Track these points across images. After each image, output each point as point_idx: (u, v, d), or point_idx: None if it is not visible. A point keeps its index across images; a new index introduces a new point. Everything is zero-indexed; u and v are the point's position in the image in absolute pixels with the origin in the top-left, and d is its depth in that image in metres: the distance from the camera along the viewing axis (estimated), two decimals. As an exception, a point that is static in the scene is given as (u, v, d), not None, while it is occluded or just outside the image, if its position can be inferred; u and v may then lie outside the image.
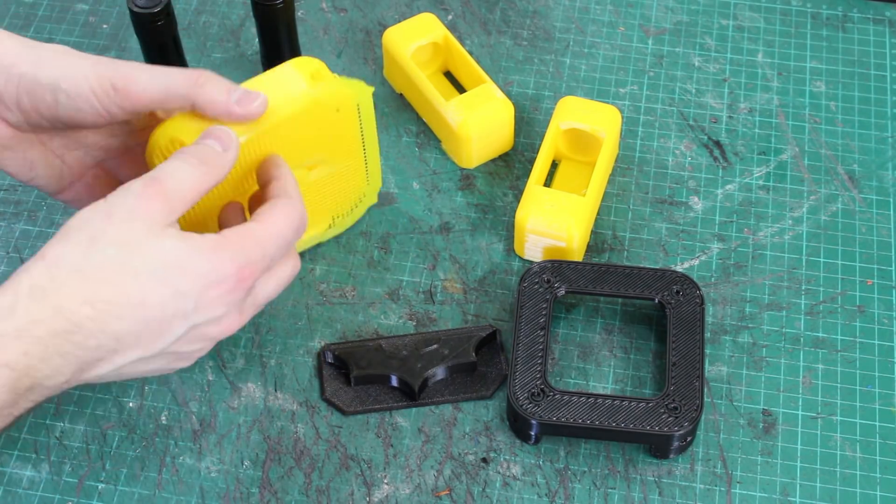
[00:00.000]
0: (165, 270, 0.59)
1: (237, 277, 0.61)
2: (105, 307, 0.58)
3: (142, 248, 0.59)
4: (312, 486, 0.71)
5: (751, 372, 0.75)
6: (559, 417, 0.70)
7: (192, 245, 0.60)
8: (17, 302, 0.57)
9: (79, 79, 0.65)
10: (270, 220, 0.63)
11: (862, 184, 0.84)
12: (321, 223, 0.78)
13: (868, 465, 0.71)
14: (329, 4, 0.96)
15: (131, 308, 0.58)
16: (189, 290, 0.59)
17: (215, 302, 0.61)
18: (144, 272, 0.59)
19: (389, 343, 0.75)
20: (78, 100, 0.65)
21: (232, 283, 0.61)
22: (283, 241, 0.63)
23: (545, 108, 0.88)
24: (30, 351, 0.56)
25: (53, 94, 0.65)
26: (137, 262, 0.59)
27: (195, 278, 0.60)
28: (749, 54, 0.92)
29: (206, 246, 0.60)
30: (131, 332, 0.59)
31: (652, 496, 0.70)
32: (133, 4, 0.80)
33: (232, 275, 0.61)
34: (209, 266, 0.60)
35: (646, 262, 0.80)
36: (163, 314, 0.59)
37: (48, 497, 0.70)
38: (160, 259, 0.59)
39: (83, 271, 0.58)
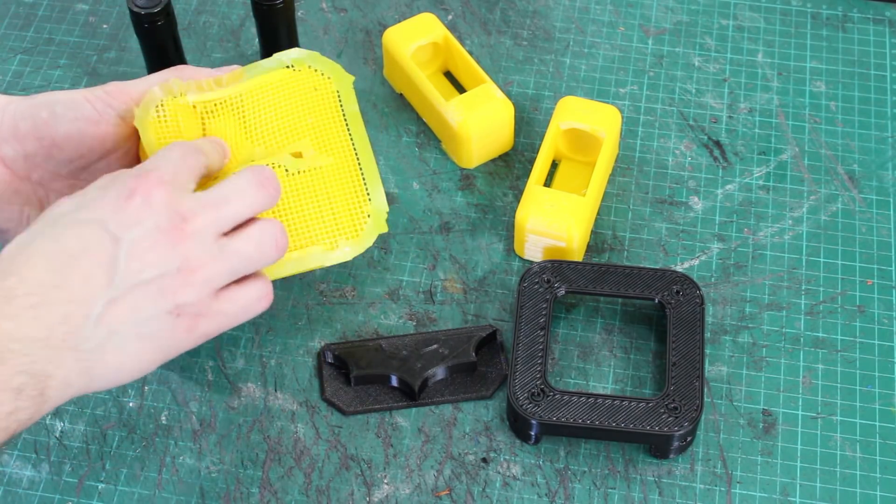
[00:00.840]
0: (64, 215, 0.60)
1: (137, 181, 0.60)
2: (23, 266, 0.58)
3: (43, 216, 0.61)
4: (312, 486, 0.71)
5: (751, 372, 0.75)
6: (559, 417, 0.70)
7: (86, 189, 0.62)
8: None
9: (74, 92, 0.67)
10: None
11: (862, 184, 0.84)
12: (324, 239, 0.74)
13: (868, 465, 0.71)
14: (329, 4, 0.96)
15: (52, 256, 0.58)
16: (94, 214, 0.59)
17: (135, 211, 0.60)
18: (47, 229, 0.60)
19: (389, 343, 0.75)
20: (74, 108, 0.66)
21: (134, 187, 0.60)
22: (169, 154, 0.63)
23: (545, 108, 0.88)
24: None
25: (50, 108, 0.66)
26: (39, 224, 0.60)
27: (94, 202, 0.60)
28: (749, 54, 0.92)
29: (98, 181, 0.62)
30: (67, 275, 0.58)
31: (652, 496, 0.70)
32: (133, 4, 0.80)
33: (130, 182, 0.60)
34: (102, 187, 0.61)
35: (646, 262, 0.80)
36: (83, 245, 0.59)
37: (48, 497, 0.70)
38: (58, 212, 0.60)
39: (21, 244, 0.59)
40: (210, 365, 0.76)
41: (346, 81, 0.73)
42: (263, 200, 0.64)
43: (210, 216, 0.62)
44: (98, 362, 0.59)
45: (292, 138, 0.72)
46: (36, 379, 0.57)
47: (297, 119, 0.71)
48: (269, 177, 0.64)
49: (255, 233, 0.64)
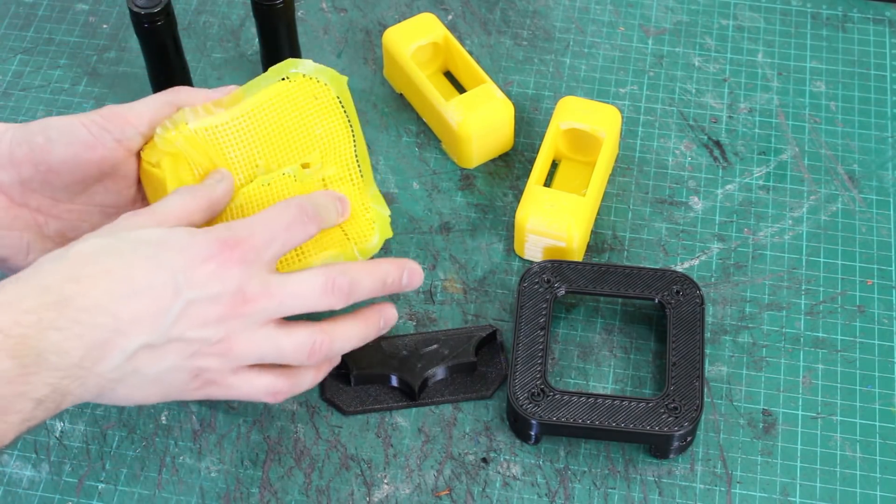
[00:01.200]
0: (148, 247, 0.60)
1: (220, 249, 0.61)
2: (91, 282, 0.58)
3: (122, 235, 0.61)
4: (312, 486, 0.71)
5: (751, 372, 0.75)
6: (559, 417, 0.70)
7: (177, 228, 0.62)
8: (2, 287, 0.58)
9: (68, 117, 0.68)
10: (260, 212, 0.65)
11: (862, 184, 0.84)
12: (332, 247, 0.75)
13: (868, 465, 0.71)
14: (329, 4, 0.96)
15: (117, 283, 0.59)
16: (173, 261, 0.60)
17: (207, 277, 0.61)
18: (127, 251, 0.60)
19: (389, 343, 0.75)
20: (69, 133, 0.66)
21: (215, 255, 0.61)
22: (274, 222, 0.64)
23: (545, 108, 0.88)
24: (21, 321, 0.56)
25: (45, 133, 0.66)
26: (119, 244, 0.60)
27: (177, 251, 0.61)
28: (749, 54, 0.92)
29: (191, 228, 0.62)
30: (123, 307, 0.59)
31: (652, 496, 0.70)
32: (133, 4, 0.80)
33: (214, 247, 0.61)
34: (191, 240, 0.61)
35: (646, 262, 0.80)
36: (151, 288, 0.59)
37: (48, 497, 0.70)
38: (142, 240, 0.61)
39: (65, 257, 0.59)
40: (210, 365, 0.76)
41: (341, 83, 0.72)
42: (324, 307, 0.65)
43: (269, 305, 0.63)
44: (111, 390, 0.61)
45: (301, 151, 0.71)
46: (58, 394, 0.58)
47: (304, 131, 0.71)
48: (340, 288, 0.65)
49: (299, 336, 0.65)
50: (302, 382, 0.67)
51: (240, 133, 0.69)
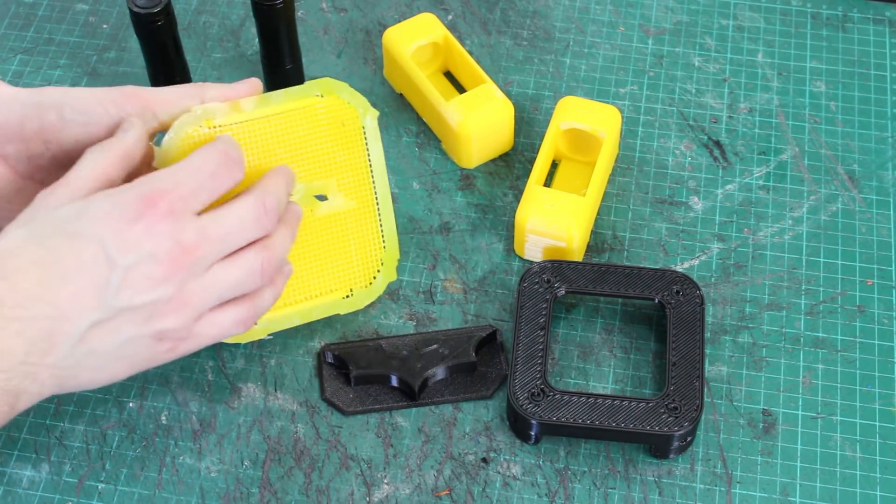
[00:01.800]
0: (67, 223, 0.58)
1: (145, 205, 0.58)
2: (18, 275, 0.56)
3: (41, 218, 0.59)
4: (312, 486, 0.71)
5: (751, 372, 0.75)
6: (559, 417, 0.70)
7: (93, 196, 0.59)
8: None
9: (85, 94, 0.64)
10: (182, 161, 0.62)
11: (862, 184, 0.84)
12: (336, 288, 0.76)
13: (868, 465, 0.71)
14: (329, 4, 0.96)
15: (46, 268, 0.57)
16: (98, 231, 0.58)
17: (138, 238, 0.58)
18: (47, 234, 0.58)
19: (389, 343, 0.75)
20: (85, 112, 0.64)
21: (141, 211, 0.58)
22: (199, 169, 0.61)
23: (545, 108, 0.88)
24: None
25: (59, 111, 0.64)
26: (38, 229, 0.58)
27: (99, 219, 0.58)
28: (749, 54, 0.92)
29: (103, 192, 0.59)
30: (57, 292, 0.57)
31: (652, 496, 0.70)
32: (133, 4, 0.80)
33: (138, 205, 0.58)
34: (108, 202, 0.58)
35: (646, 262, 0.80)
36: (80, 263, 0.57)
37: (48, 497, 0.70)
38: (59, 218, 0.58)
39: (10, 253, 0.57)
40: (210, 365, 0.76)
41: (372, 114, 0.72)
42: (260, 233, 0.63)
43: (210, 249, 0.61)
44: (72, 378, 0.59)
45: (315, 172, 0.71)
46: (9, 395, 0.57)
47: (324, 152, 0.71)
48: (271, 209, 0.63)
49: (245, 262, 0.63)
50: (263, 302, 0.66)
51: (261, 135, 0.68)
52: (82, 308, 0.58)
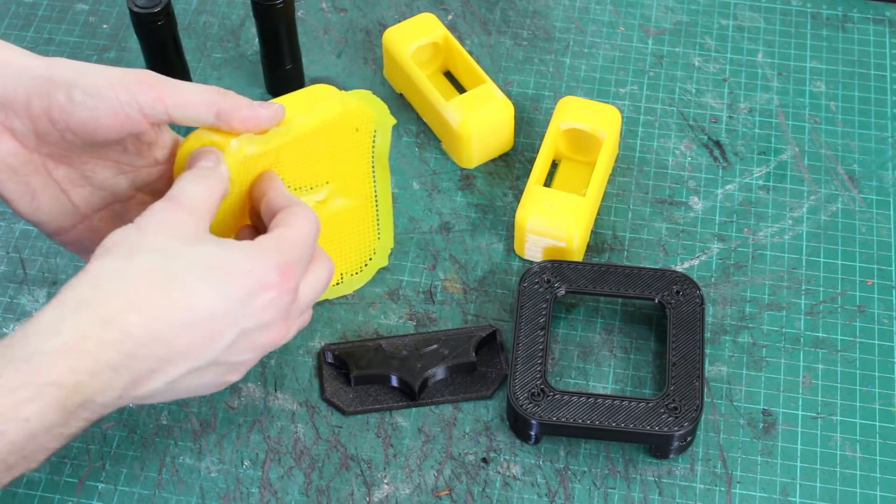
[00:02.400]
0: (209, 271, 0.58)
1: (281, 278, 0.60)
2: (152, 313, 0.57)
3: (181, 252, 0.58)
4: (312, 486, 0.71)
5: (751, 372, 0.75)
6: (559, 417, 0.70)
7: (232, 247, 0.60)
8: (62, 318, 0.55)
9: (98, 77, 0.63)
10: (297, 224, 0.62)
11: (862, 184, 0.84)
12: None
13: (868, 465, 0.71)
14: (329, 4, 0.96)
15: (179, 312, 0.57)
16: (235, 291, 0.59)
17: (265, 306, 0.60)
18: (188, 275, 0.58)
19: (389, 343, 0.75)
20: (96, 96, 0.62)
21: (276, 283, 0.60)
22: (312, 241, 0.63)
23: (545, 108, 0.88)
24: (78, 367, 0.55)
25: (68, 93, 0.62)
26: (178, 265, 0.58)
27: (240, 279, 0.59)
28: (749, 54, 0.92)
29: (244, 247, 0.60)
30: (181, 337, 0.58)
31: (652, 496, 0.70)
32: (133, 4, 0.80)
33: (275, 275, 0.60)
34: (251, 266, 0.59)
35: (646, 262, 0.80)
36: (211, 318, 0.58)
37: (48, 497, 0.70)
38: (202, 261, 0.58)
39: (126, 279, 0.57)
40: (210, 365, 0.76)
41: (388, 120, 0.72)
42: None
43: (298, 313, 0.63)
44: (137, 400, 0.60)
45: (326, 175, 0.71)
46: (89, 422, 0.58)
47: (332, 157, 0.70)
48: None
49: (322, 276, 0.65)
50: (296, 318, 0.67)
51: (284, 156, 0.67)
52: (191, 356, 0.59)
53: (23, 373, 0.54)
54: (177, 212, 0.60)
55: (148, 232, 0.59)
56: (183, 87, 0.64)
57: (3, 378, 0.54)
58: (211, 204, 0.62)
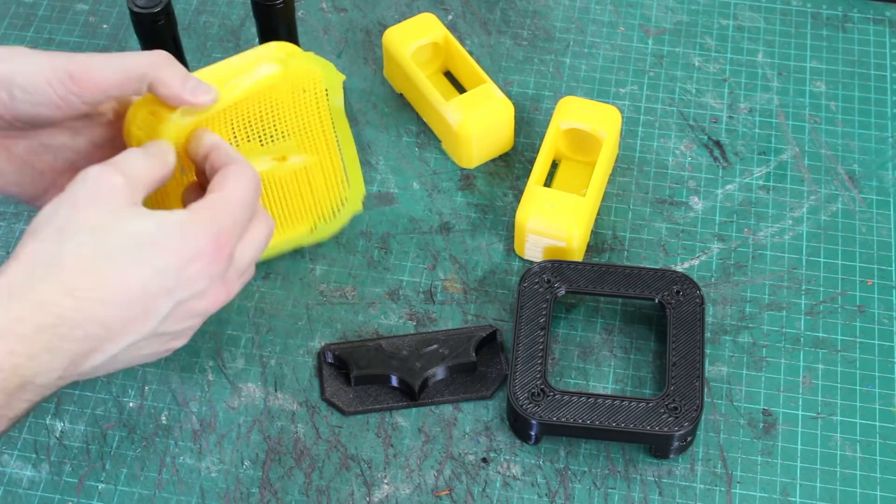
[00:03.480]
0: (140, 249, 0.58)
1: (214, 247, 0.60)
2: (86, 295, 0.57)
3: (113, 231, 0.58)
4: (312, 486, 0.71)
5: (751, 372, 0.75)
6: (559, 417, 0.70)
7: (163, 221, 0.60)
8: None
9: (33, 72, 0.64)
10: (230, 187, 0.62)
11: (862, 184, 0.84)
12: (300, 225, 0.77)
13: (868, 465, 0.71)
14: (329, 4, 0.96)
15: (113, 292, 0.58)
16: (168, 265, 0.59)
17: (197, 275, 0.60)
18: (120, 254, 0.58)
19: (389, 343, 0.75)
20: (34, 93, 0.64)
21: (210, 253, 0.60)
22: (249, 203, 0.63)
23: (545, 108, 0.88)
24: (15, 350, 0.55)
25: (8, 90, 0.64)
26: (111, 244, 0.58)
27: (172, 253, 0.59)
28: (749, 54, 0.92)
29: (177, 220, 0.60)
30: (117, 316, 0.58)
31: (652, 496, 0.70)
32: (133, 4, 0.80)
33: (208, 245, 0.60)
34: (183, 240, 0.60)
35: (646, 262, 0.80)
36: (145, 294, 0.58)
37: (48, 497, 0.70)
38: (133, 239, 0.59)
39: (58, 263, 0.57)
40: (210, 365, 0.76)
41: (336, 78, 0.72)
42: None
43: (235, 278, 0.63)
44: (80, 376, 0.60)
45: (279, 135, 0.71)
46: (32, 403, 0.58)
47: (281, 118, 0.71)
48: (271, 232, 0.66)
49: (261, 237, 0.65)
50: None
51: (225, 122, 0.68)
52: (128, 332, 0.59)
53: None
54: (112, 177, 0.60)
55: (79, 206, 0.59)
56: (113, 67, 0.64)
57: None
58: (149, 178, 0.62)
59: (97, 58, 0.64)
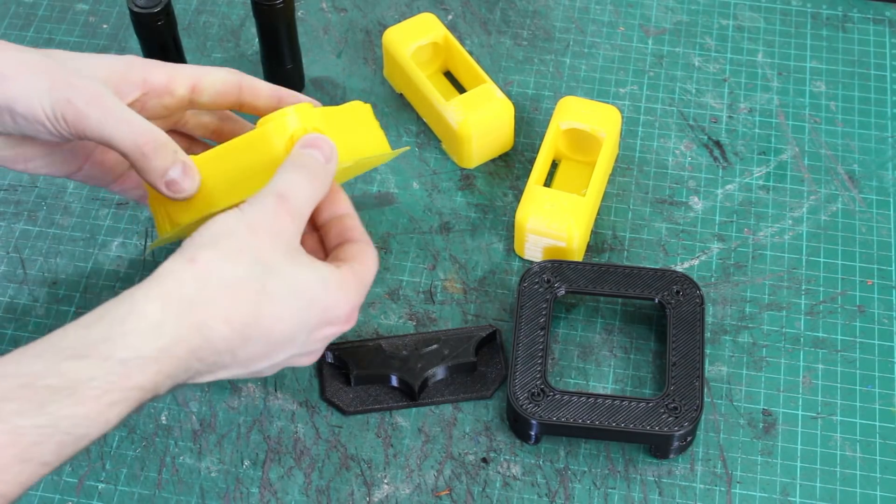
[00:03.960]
0: (298, 300, 0.60)
1: (347, 318, 0.63)
2: (240, 328, 0.58)
3: (282, 272, 0.59)
4: (312, 486, 0.71)
5: (751, 372, 0.75)
6: (559, 417, 0.70)
7: (322, 277, 0.61)
8: (165, 318, 0.56)
9: (33, 104, 0.63)
10: (370, 264, 0.65)
11: (862, 184, 0.84)
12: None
13: (868, 465, 0.71)
14: (329, 4, 0.96)
15: (261, 332, 0.59)
16: (310, 322, 0.61)
17: (323, 338, 0.63)
18: (281, 299, 0.59)
19: (389, 343, 0.75)
20: (34, 122, 0.64)
21: (342, 322, 0.63)
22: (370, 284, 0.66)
23: (545, 108, 0.88)
24: (163, 370, 0.55)
25: (11, 116, 0.64)
26: (278, 285, 0.59)
27: (318, 312, 0.61)
28: (749, 54, 0.92)
29: (333, 281, 0.61)
30: (250, 354, 0.59)
31: (652, 496, 0.70)
32: (133, 4, 0.80)
33: (345, 316, 0.63)
34: (331, 302, 0.61)
35: (646, 262, 0.80)
36: (281, 342, 0.60)
37: (48, 497, 0.70)
38: (296, 287, 0.60)
39: (230, 286, 0.58)
40: (210, 365, 0.76)
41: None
42: None
43: None
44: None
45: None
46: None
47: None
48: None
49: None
50: None
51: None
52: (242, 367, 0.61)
53: (115, 375, 0.54)
54: (284, 218, 0.61)
55: (258, 235, 0.59)
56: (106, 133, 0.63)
57: (97, 381, 0.54)
58: (312, 208, 0.63)
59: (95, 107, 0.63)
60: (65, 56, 0.66)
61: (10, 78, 0.64)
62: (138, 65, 0.68)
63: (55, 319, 0.78)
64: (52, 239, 0.82)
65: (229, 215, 0.60)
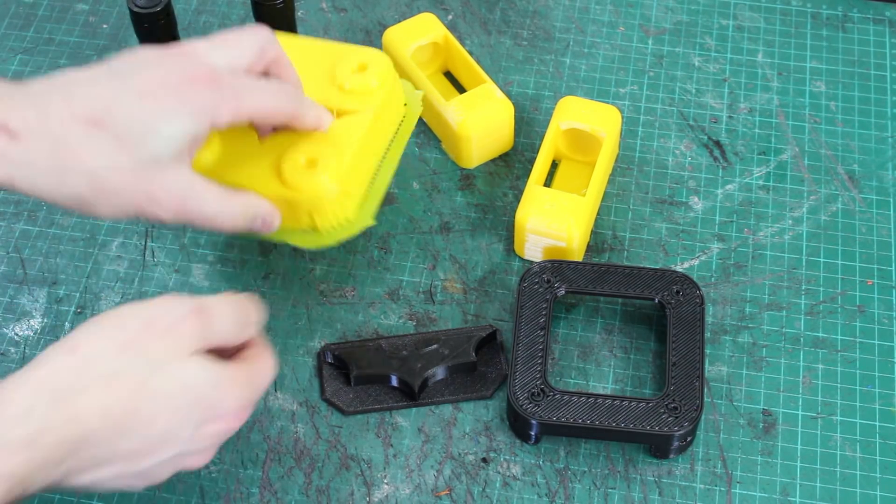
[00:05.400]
0: (182, 397, 0.58)
1: (235, 415, 0.61)
2: (116, 422, 0.56)
3: (167, 369, 0.58)
4: (312, 486, 0.71)
5: (751, 372, 0.75)
6: (559, 417, 0.70)
7: (212, 375, 0.60)
8: (36, 403, 0.54)
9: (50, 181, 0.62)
10: (264, 365, 0.63)
11: (862, 184, 0.84)
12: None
13: (868, 465, 0.71)
14: (329, 4, 0.96)
15: (139, 427, 0.57)
16: (193, 420, 0.59)
17: (211, 435, 0.60)
18: (163, 395, 0.58)
19: (389, 343, 0.75)
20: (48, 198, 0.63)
21: (230, 420, 0.61)
22: (267, 386, 0.64)
23: (545, 108, 0.88)
24: (34, 458, 0.54)
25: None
26: (161, 382, 0.58)
27: (204, 409, 0.59)
28: (749, 54, 0.92)
29: (225, 377, 0.60)
30: (128, 445, 0.57)
31: (652, 496, 0.70)
32: (133, 4, 0.80)
33: (233, 413, 0.61)
34: (219, 398, 0.60)
35: (646, 262, 0.80)
36: (161, 440, 0.58)
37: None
38: (182, 385, 0.58)
39: (108, 379, 0.56)
40: (210, 365, 0.75)
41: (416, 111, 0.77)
42: None
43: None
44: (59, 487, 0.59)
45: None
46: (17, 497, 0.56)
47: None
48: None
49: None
50: None
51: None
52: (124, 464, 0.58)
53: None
54: (192, 326, 0.59)
55: (152, 330, 0.58)
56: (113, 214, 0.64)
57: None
58: (227, 342, 0.62)
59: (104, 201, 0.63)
60: None
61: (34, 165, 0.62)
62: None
63: (55, 319, 0.78)
64: (52, 239, 0.82)
65: (131, 305, 0.59)
